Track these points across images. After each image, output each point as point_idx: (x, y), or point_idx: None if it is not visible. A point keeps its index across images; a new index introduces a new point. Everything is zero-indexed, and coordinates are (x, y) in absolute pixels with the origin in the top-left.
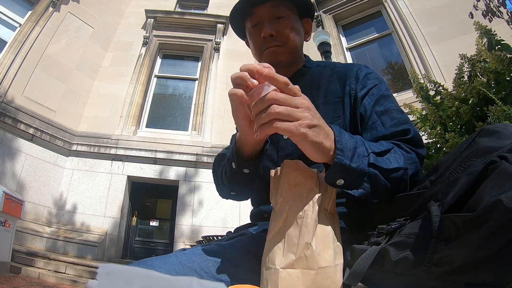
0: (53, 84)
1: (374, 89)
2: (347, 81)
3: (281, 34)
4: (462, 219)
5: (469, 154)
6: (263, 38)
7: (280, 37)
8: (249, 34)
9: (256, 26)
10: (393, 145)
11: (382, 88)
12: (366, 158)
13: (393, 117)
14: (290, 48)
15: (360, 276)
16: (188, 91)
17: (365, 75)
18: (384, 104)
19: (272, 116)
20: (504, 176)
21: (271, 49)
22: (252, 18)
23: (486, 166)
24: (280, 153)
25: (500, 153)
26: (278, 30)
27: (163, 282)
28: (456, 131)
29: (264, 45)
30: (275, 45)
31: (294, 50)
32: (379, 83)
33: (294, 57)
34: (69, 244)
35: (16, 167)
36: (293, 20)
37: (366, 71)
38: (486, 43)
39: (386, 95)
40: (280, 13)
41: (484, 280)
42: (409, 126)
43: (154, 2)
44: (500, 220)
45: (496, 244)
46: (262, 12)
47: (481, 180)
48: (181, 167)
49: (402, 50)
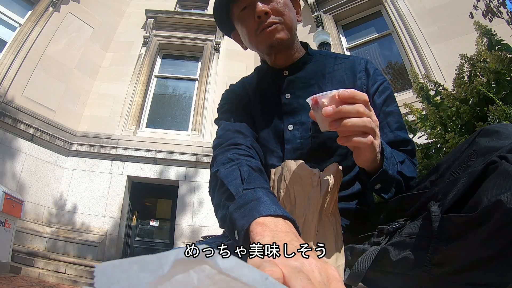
0: (53, 84)
1: (382, 86)
2: (357, 74)
3: (277, 10)
4: (462, 219)
5: (469, 154)
6: (258, 18)
7: (276, 13)
8: (239, 21)
9: (246, 9)
10: (405, 156)
11: (389, 88)
12: (396, 166)
13: (397, 120)
14: (287, 25)
15: (360, 276)
16: (188, 91)
17: (374, 71)
18: (390, 106)
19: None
20: (504, 176)
21: (270, 28)
22: (240, 1)
23: (486, 166)
24: (287, 147)
25: (500, 153)
26: (272, 7)
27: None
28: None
29: (259, 26)
30: (272, 22)
31: (292, 28)
32: (386, 82)
33: (292, 37)
34: (69, 244)
35: (16, 167)
36: None
37: (374, 66)
38: (486, 43)
39: (392, 97)
40: None
41: (484, 280)
42: (408, 136)
43: (154, 2)
44: (500, 220)
45: (496, 244)
46: None
47: (481, 180)
48: (181, 167)
49: (402, 50)
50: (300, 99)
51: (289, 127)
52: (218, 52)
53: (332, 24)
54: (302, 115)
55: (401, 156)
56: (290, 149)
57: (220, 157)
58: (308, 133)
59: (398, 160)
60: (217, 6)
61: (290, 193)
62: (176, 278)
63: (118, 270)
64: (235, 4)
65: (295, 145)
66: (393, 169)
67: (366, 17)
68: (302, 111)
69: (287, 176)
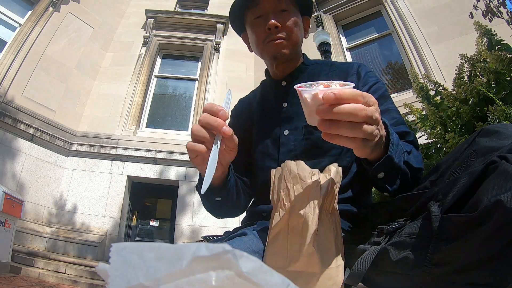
0: (53, 84)
1: (374, 86)
2: (348, 78)
3: (286, 27)
4: (462, 219)
5: (469, 154)
6: (268, 30)
7: (285, 29)
8: (250, 26)
9: (260, 18)
10: (412, 146)
11: (382, 88)
12: (402, 155)
13: (393, 116)
14: (293, 42)
15: (360, 276)
16: (188, 91)
17: (366, 73)
18: (384, 104)
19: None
20: (504, 176)
21: (277, 42)
22: (256, 9)
23: (486, 166)
24: (282, 149)
25: (500, 153)
26: (283, 22)
27: (173, 250)
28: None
29: (268, 37)
30: (280, 37)
31: (296, 44)
32: (379, 82)
33: (296, 51)
34: (69, 244)
35: (16, 167)
36: (296, 15)
37: (367, 69)
38: (486, 43)
39: (386, 95)
40: (284, 6)
41: (484, 280)
42: (408, 129)
43: (154, 2)
44: (500, 220)
45: (496, 244)
46: (267, 3)
47: (481, 180)
48: (181, 167)
49: (402, 50)
50: (295, 107)
51: (285, 132)
52: (218, 52)
53: (332, 24)
54: (297, 122)
55: (408, 146)
56: (284, 151)
57: None
58: (301, 136)
59: (406, 150)
60: (235, 8)
61: (290, 193)
62: (195, 277)
63: (135, 255)
64: (253, 9)
65: (289, 147)
66: (399, 158)
67: (366, 17)
68: (298, 118)
69: (287, 176)
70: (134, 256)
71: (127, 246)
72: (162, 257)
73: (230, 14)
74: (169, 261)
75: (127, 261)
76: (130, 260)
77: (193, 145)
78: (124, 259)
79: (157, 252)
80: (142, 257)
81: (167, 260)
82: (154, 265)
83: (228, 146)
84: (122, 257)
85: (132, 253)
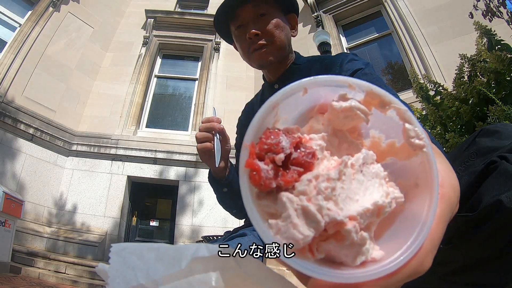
0: (53, 84)
1: (359, 72)
2: (331, 71)
3: (266, 32)
4: (463, 219)
5: (470, 154)
6: (249, 39)
7: (266, 35)
8: (235, 38)
9: (241, 28)
10: None
11: (367, 73)
12: None
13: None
14: (277, 46)
15: None
16: (188, 91)
17: (349, 61)
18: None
19: None
20: (504, 176)
21: (260, 52)
22: (235, 21)
23: (486, 166)
24: None
25: (500, 153)
26: (263, 28)
27: (173, 251)
28: (456, 131)
29: (251, 46)
30: (262, 44)
31: (282, 47)
32: (365, 67)
33: (283, 54)
34: (69, 244)
35: (16, 167)
36: (276, 17)
37: (351, 57)
38: (486, 43)
39: (367, 73)
40: (262, 10)
41: (484, 280)
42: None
43: (154, 2)
44: (500, 220)
45: (496, 244)
46: (245, 13)
47: (482, 180)
48: (181, 167)
49: (402, 50)
50: None
51: None
52: (218, 52)
53: (332, 24)
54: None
55: None
56: None
57: None
58: None
59: None
60: (219, 23)
61: None
62: (194, 277)
63: (135, 255)
64: (233, 21)
65: None
66: None
67: (366, 17)
68: None
69: None
70: (134, 257)
71: (127, 247)
72: (162, 258)
73: (216, 28)
74: (168, 262)
75: (127, 262)
76: (130, 261)
77: (201, 145)
78: (124, 260)
79: (156, 253)
80: (142, 258)
81: (166, 261)
82: (153, 266)
83: (222, 137)
84: (122, 258)
85: (132, 254)
